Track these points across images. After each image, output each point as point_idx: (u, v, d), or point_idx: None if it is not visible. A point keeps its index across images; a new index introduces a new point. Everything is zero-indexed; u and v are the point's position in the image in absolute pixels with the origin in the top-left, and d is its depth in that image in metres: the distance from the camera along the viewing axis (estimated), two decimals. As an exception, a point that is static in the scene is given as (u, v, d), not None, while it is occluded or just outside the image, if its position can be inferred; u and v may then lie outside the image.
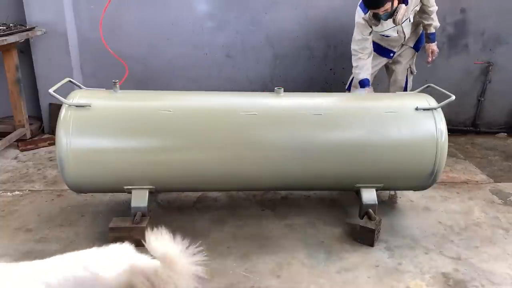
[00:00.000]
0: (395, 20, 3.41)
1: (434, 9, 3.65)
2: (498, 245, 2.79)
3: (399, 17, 3.39)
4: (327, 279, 2.45)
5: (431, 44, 3.83)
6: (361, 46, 3.64)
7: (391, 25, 3.58)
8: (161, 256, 1.59)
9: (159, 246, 1.62)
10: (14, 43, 3.94)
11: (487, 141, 4.67)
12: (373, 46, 3.80)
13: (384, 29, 3.65)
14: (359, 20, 3.59)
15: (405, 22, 3.62)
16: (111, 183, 2.77)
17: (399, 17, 3.39)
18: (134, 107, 2.81)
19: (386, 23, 3.56)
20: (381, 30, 3.65)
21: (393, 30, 3.66)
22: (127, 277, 1.55)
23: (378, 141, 2.77)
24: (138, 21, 4.53)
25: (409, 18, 3.62)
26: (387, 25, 3.59)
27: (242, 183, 2.91)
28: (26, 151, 4.18)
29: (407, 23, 3.66)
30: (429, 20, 3.69)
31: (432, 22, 3.71)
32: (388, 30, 3.66)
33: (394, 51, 3.91)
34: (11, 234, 2.83)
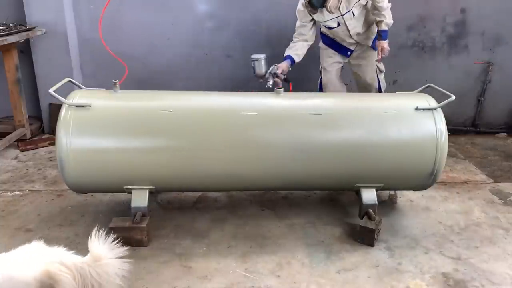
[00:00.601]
0: (326, 7, 3.38)
1: (385, 5, 3.54)
2: (498, 245, 2.79)
3: (330, 3, 3.35)
4: (327, 279, 2.45)
5: (382, 42, 3.68)
6: (298, 32, 3.67)
7: (332, 15, 3.55)
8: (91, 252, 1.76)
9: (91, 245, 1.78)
10: (14, 43, 3.94)
11: (487, 141, 4.66)
12: (329, 41, 3.83)
13: (325, 19, 3.62)
14: (299, 7, 3.62)
15: (347, 14, 3.57)
16: (111, 183, 2.77)
17: (330, 4, 3.35)
18: (134, 107, 2.82)
19: (327, 13, 3.53)
20: (322, 20, 3.63)
21: (333, 21, 3.63)
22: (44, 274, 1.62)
23: (378, 141, 2.77)
24: (139, 21, 4.53)
25: (351, 11, 3.56)
26: (328, 15, 3.56)
27: (242, 183, 2.91)
28: (26, 151, 4.18)
29: (350, 16, 3.60)
30: (380, 16, 3.60)
31: (384, 19, 3.59)
32: (329, 20, 3.63)
33: (350, 49, 3.85)
34: (11, 234, 2.83)
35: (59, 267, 1.67)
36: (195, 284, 2.40)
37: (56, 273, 1.64)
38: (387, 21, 3.63)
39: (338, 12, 3.54)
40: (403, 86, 4.10)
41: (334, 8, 3.41)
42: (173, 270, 2.50)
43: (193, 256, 2.63)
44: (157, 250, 2.68)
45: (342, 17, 3.58)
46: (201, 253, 2.67)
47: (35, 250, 1.75)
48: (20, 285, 1.60)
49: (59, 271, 1.65)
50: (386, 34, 3.67)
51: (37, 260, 1.68)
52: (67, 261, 1.72)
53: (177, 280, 2.42)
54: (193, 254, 2.65)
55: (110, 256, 1.79)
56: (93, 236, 1.82)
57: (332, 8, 3.40)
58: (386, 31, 3.66)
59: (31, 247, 1.77)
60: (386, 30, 3.66)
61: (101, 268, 1.75)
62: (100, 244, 1.80)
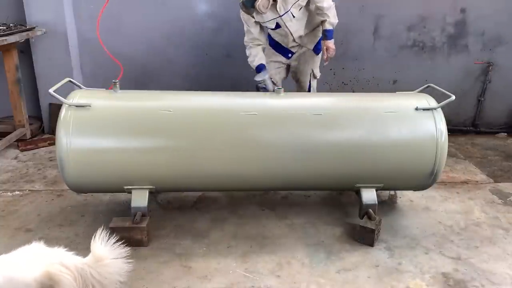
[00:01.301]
0: (255, 7, 3.26)
1: (327, 5, 3.41)
2: (498, 245, 2.79)
3: (259, 3, 3.23)
4: (327, 279, 2.45)
5: (327, 41, 3.53)
6: (250, 36, 3.59)
7: (271, 16, 3.47)
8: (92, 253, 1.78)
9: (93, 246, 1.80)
10: (14, 43, 3.94)
11: (487, 141, 4.67)
12: (273, 42, 3.75)
13: (265, 20, 3.53)
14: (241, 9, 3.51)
15: (286, 16, 3.44)
16: (111, 183, 2.77)
17: (259, 3, 3.23)
18: (134, 107, 2.82)
19: (267, 14, 3.44)
20: (262, 21, 3.54)
21: (272, 22, 3.54)
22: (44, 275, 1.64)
23: (378, 141, 2.77)
24: (138, 21, 4.53)
25: (290, 12, 3.43)
26: (266, 16, 3.47)
27: (242, 183, 2.91)
28: (26, 151, 4.18)
29: (289, 17, 3.46)
30: (323, 16, 3.49)
31: (327, 18, 3.46)
32: (268, 21, 3.54)
33: (292, 52, 3.76)
34: (11, 234, 2.83)
35: (59, 268, 1.68)
36: (195, 284, 2.40)
37: (56, 274, 1.65)
38: (331, 20, 3.48)
39: (276, 13, 3.45)
40: (403, 86, 4.11)
41: (264, 8, 3.28)
42: (173, 270, 2.50)
43: (193, 256, 2.63)
44: (157, 250, 2.68)
45: (281, 18, 3.48)
46: (201, 253, 2.67)
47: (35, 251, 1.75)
48: (20, 286, 1.61)
49: (60, 272, 1.66)
50: (331, 33, 3.53)
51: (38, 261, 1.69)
52: (67, 262, 1.73)
53: (177, 280, 2.42)
54: (193, 254, 2.66)
55: (112, 257, 1.80)
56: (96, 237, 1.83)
57: (262, 7, 3.27)
58: (331, 31, 3.52)
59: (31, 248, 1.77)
60: (330, 30, 3.51)
61: (103, 269, 1.76)
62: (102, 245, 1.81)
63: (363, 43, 4.65)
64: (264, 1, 3.25)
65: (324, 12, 3.44)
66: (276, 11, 3.43)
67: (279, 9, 3.42)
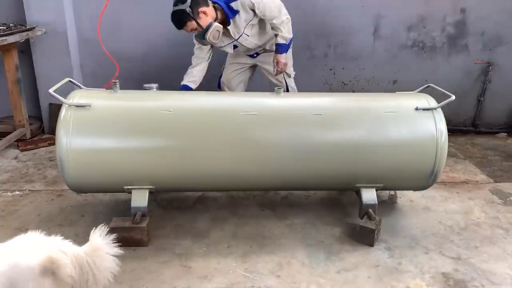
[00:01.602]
0: (206, 38, 3.27)
1: (278, 22, 3.38)
2: (498, 245, 2.79)
3: (209, 35, 3.23)
4: (327, 279, 2.45)
5: (277, 55, 3.47)
6: (196, 54, 3.61)
7: (227, 41, 3.50)
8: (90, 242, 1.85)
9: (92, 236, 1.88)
10: (14, 43, 3.94)
11: (487, 141, 4.67)
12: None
13: (222, 45, 3.57)
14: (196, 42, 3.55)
15: (242, 37, 3.47)
16: (111, 183, 2.77)
17: (209, 36, 3.23)
18: (134, 107, 2.82)
19: (223, 40, 3.47)
20: (219, 46, 3.57)
21: (229, 46, 3.58)
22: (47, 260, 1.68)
23: (378, 141, 2.77)
24: (138, 21, 4.53)
25: (243, 34, 3.45)
26: (222, 42, 3.50)
27: (242, 183, 2.91)
28: (26, 151, 4.19)
29: (244, 38, 3.49)
30: (276, 30, 3.42)
31: (279, 33, 3.42)
32: (225, 46, 3.58)
33: (257, 53, 3.76)
34: (11, 234, 2.80)
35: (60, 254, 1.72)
36: (195, 284, 2.40)
37: (58, 258, 1.69)
38: (284, 35, 3.43)
39: (231, 38, 3.47)
40: (403, 86, 4.11)
41: (214, 39, 3.28)
42: (173, 270, 2.50)
43: (193, 256, 2.63)
44: (157, 250, 2.68)
45: (237, 41, 3.50)
46: (201, 253, 2.67)
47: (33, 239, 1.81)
48: (25, 271, 1.65)
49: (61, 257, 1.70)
50: (282, 48, 3.46)
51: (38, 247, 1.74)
52: (66, 248, 1.77)
53: (177, 280, 2.42)
54: (193, 254, 2.66)
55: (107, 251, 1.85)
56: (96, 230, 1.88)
57: (212, 39, 3.26)
58: (283, 45, 3.46)
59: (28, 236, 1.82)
60: (282, 44, 3.45)
61: (98, 260, 1.80)
62: (101, 237, 1.86)
63: (363, 43, 4.65)
64: (214, 32, 3.24)
65: (277, 27, 3.41)
66: (230, 36, 3.47)
67: (233, 34, 3.45)
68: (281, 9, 3.40)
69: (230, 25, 3.40)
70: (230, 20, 3.38)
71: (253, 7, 3.33)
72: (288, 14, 3.47)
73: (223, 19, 3.38)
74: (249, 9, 3.35)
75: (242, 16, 3.38)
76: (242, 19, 3.39)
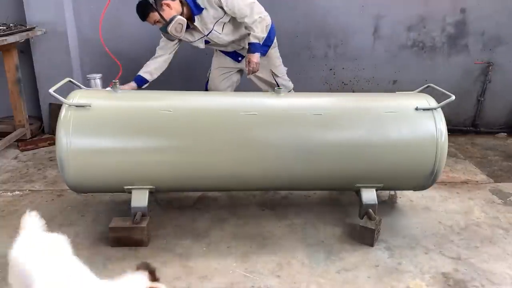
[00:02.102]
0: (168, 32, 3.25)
1: (250, 20, 3.31)
2: (498, 245, 2.79)
3: (171, 28, 3.21)
4: (327, 279, 2.45)
5: (249, 54, 3.39)
6: (160, 46, 3.56)
7: (198, 36, 3.48)
8: None
9: None
10: (14, 43, 3.94)
11: (487, 141, 4.66)
12: None
13: (193, 40, 3.54)
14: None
15: (211, 34, 3.44)
16: (111, 183, 2.77)
17: (171, 29, 3.21)
18: (134, 107, 2.82)
19: (193, 34, 3.46)
20: (190, 41, 3.54)
21: (200, 42, 3.54)
22: None
23: (378, 141, 2.77)
24: (138, 21, 4.51)
25: (213, 30, 3.41)
26: (193, 36, 3.48)
27: (242, 183, 2.91)
28: (26, 151, 4.19)
29: (216, 35, 3.44)
30: (249, 29, 3.36)
31: (251, 32, 3.35)
32: (196, 41, 3.54)
33: (242, 55, 3.70)
34: (11, 234, 2.82)
35: None
36: (195, 284, 2.40)
37: None
38: (256, 34, 3.34)
39: (200, 33, 3.44)
40: (403, 86, 4.11)
41: (177, 32, 3.23)
42: (173, 270, 2.50)
43: (193, 256, 2.63)
44: (157, 250, 2.68)
45: (207, 36, 3.46)
46: (201, 253, 2.67)
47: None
48: None
49: None
50: (255, 47, 3.37)
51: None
52: None
53: (177, 280, 2.42)
54: (193, 254, 2.66)
55: None
56: None
57: (174, 32, 3.24)
58: (255, 44, 3.37)
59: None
60: (254, 43, 3.36)
61: None
62: None
63: (363, 43, 4.65)
64: (176, 25, 3.22)
65: (249, 26, 3.36)
66: (200, 32, 3.44)
67: (201, 30, 3.42)
68: (253, 7, 3.33)
69: (195, 21, 3.36)
70: (194, 16, 3.34)
71: (220, 4, 3.29)
72: (262, 13, 3.41)
73: (189, 15, 3.35)
74: (217, 6, 3.31)
75: (210, 12, 3.34)
76: (210, 15, 3.35)
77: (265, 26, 3.44)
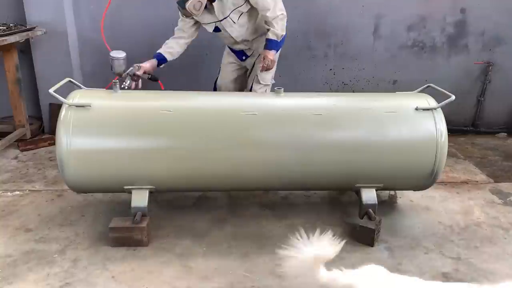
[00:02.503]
0: (186, 8, 3.18)
1: (271, 15, 3.27)
2: (498, 245, 2.79)
3: (189, 4, 3.14)
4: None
5: (265, 51, 3.37)
6: (178, 26, 3.52)
7: (211, 19, 3.41)
8: None
9: None
10: (14, 43, 3.94)
11: (487, 141, 4.66)
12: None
13: (204, 22, 3.46)
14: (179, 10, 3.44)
15: (225, 21, 3.38)
16: (111, 183, 2.77)
17: (189, 5, 3.14)
18: (134, 107, 2.82)
19: (207, 16, 3.38)
20: (202, 22, 3.47)
21: (210, 26, 3.48)
22: None
23: (378, 141, 2.77)
24: (139, 21, 4.53)
25: (229, 17, 3.36)
26: (206, 18, 3.41)
27: (242, 183, 2.91)
28: (26, 151, 4.19)
29: (229, 23, 3.39)
30: (268, 24, 3.33)
31: (271, 28, 3.32)
32: (207, 24, 3.47)
33: (246, 55, 3.67)
34: (11, 234, 2.83)
35: None
36: (195, 284, 2.39)
37: None
38: (276, 31, 3.32)
39: (215, 17, 3.39)
40: (403, 86, 4.11)
41: (195, 10, 3.18)
42: (173, 270, 2.50)
43: (193, 256, 2.63)
44: (157, 250, 2.68)
45: (221, 23, 3.40)
46: (201, 253, 2.67)
47: None
48: None
49: None
50: (272, 44, 3.36)
51: None
52: None
53: (177, 280, 2.42)
54: (193, 254, 2.65)
55: None
56: None
57: (192, 9, 3.17)
58: (272, 41, 3.35)
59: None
60: (272, 40, 3.34)
61: None
62: None
63: (363, 43, 4.65)
64: (195, 2, 3.16)
65: (270, 21, 3.32)
66: (215, 16, 3.38)
67: (217, 13, 3.36)
68: (277, 3, 3.32)
69: (215, 1, 3.30)
70: None
71: None
72: (284, 11, 3.38)
73: None
74: None
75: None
76: (230, 1, 3.30)
77: (285, 25, 3.42)
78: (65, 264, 2.53)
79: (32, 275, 2.43)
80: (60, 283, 2.37)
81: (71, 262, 2.54)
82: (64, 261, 2.55)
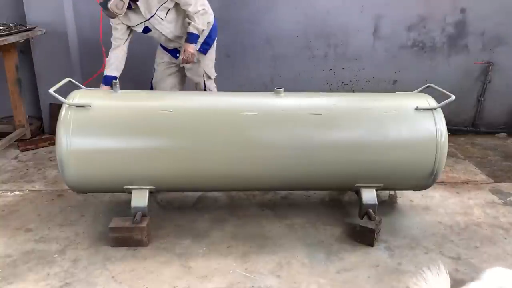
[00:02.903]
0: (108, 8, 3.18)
1: (192, 10, 3.37)
2: (498, 245, 2.79)
3: (111, 4, 3.15)
4: (327, 279, 2.45)
5: (186, 44, 3.47)
6: (113, 35, 3.54)
7: (138, 20, 3.44)
8: None
9: None
10: (14, 43, 3.94)
11: (487, 141, 4.67)
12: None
13: (132, 24, 3.49)
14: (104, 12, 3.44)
15: (154, 19, 3.42)
16: (111, 183, 2.77)
17: (111, 5, 3.16)
18: (134, 107, 2.82)
19: (134, 17, 3.42)
20: (130, 24, 3.49)
21: (140, 26, 3.51)
22: None
23: (378, 141, 2.77)
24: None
25: (156, 15, 3.40)
26: (133, 20, 3.45)
27: (242, 183, 2.91)
28: (26, 151, 4.19)
29: (158, 21, 3.44)
30: (189, 18, 3.41)
31: (192, 22, 3.41)
32: (137, 26, 3.50)
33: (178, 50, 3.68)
34: (11, 234, 2.83)
35: None
36: (195, 284, 2.40)
37: None
38: (197, 25, 3.42)
39: (142, 17, 3.42)
40: (403, 86, 4.11)
41: (117, 9, 3.21)
42: (173, 270, 2.50)
43: (193, 256, 2.63)
44: (157, 250, 2.68)
45: (149, 21, 3.44)
46: (201, 253, 2.67)
47: None
48: None
49: None
50: (192, 37, 3.46)
51: None
52: None
53: (177, 280, 2.42)
54: (193, 254, 2.66)
55: None
56: None
57: (115, 9, 3.19)
58: (193, 35, 3.45)
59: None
60: (193, 34, 3.44)
61: None
62: None
63: (363, 43, 4.65)
64: (117, 1, 3.18)
65: (191, 15, 3.40)
66: (142, 15, 3.42)
67: (144, 13, 3.39)
68: None
69: (139, 1, 3.32)
70: None
71: None
72: (205, 6, 3.47)
73: None
74: None
75: None
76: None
77: (206, 20, 3.51)
78: (65, 264, 2.53)
79: (32, 275, 2.43)
80: (60, 283, 2.37)
81: (71, 262, 2.54)
82: (64, 261, 2.55)
